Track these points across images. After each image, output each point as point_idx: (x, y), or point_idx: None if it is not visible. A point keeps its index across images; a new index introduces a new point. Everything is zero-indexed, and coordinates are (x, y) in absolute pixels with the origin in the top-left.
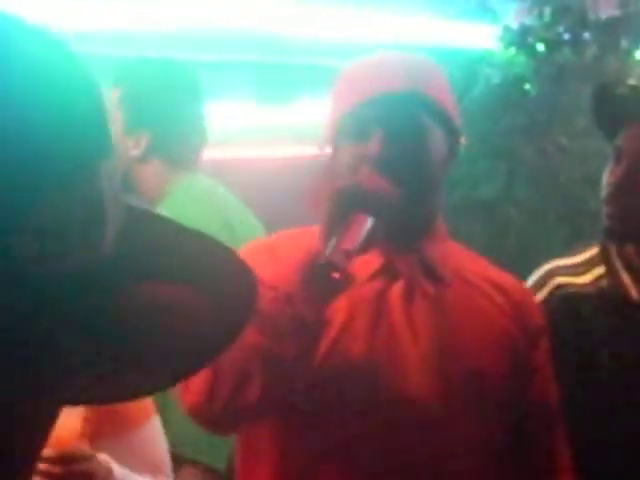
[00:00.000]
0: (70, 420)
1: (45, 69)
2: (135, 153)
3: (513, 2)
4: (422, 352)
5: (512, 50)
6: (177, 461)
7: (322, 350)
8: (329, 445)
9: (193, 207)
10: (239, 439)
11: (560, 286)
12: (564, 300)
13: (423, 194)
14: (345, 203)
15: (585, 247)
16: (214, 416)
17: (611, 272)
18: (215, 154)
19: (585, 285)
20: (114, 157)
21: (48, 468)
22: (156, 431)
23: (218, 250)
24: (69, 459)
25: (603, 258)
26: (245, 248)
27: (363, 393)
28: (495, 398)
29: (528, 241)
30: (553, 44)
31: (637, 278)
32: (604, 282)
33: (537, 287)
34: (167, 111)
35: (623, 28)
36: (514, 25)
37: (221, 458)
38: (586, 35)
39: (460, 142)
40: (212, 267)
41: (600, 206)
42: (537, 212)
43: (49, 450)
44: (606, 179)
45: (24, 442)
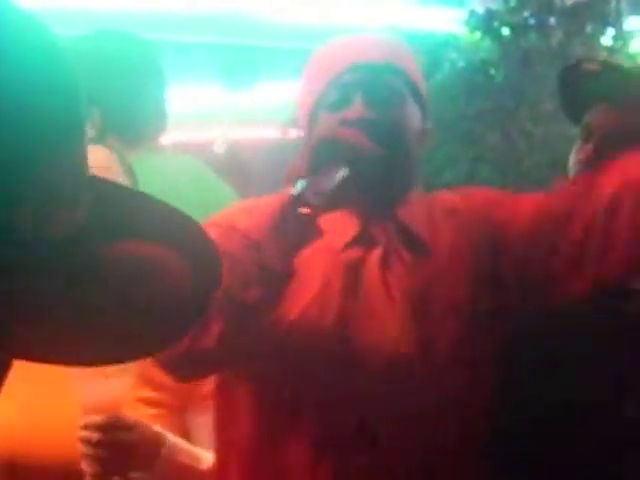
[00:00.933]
0: (113, 388)
1: (18, 38)
2: (91, 134)
3: None
4: (398, 318)
5: (477, 34)
6: None
7: (295, 313)
8: (303, 404)
9: (145, 186)
10: (214, 401)
11: None
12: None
13: (400, 159)
14: (322, 151)
15: None
16: (175, 359)
17: None
18: (179, 136)
19: None
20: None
21: (88, 435)
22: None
23: (185, 218)
24: (109, 427)
25: None
26: (226, 209)
27: (336, 356)
28: (481, 340)
29: None
30: (519, 29)
31: None
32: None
33: None
34: (119, 86)
35: (588, 13)
36: (480, 9)
37: None
38: (552, 20)
39: (429, 125)
40: (183, 232)
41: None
42: None
43: (90, 417)
44: (574, 157)
45: None
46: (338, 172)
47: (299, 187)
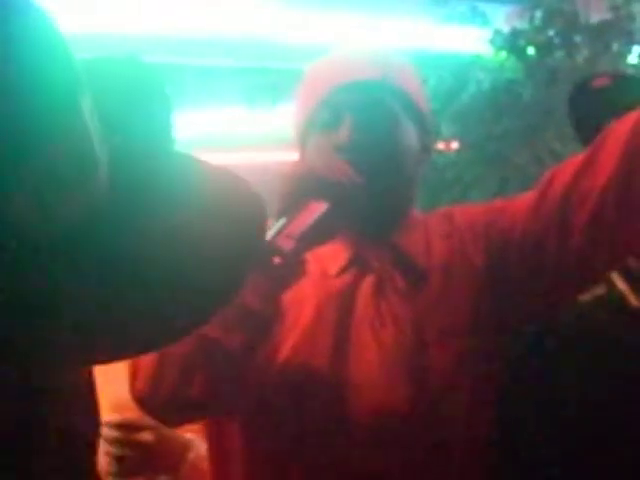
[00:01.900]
0: None
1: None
2: None
3: (504, 6)
4: (392, 350)
5: (503, 54)
6: None
7: (289, 347)
8: (298, 445)
9: None
10: (210, 439)
11: None
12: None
13: (393, 182)
14: (297, 189)
15: None
16: (159, 406)
17: (606, 279)
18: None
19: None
20: (88, 94)
21: (108, 433)
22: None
23: (227, 178)
24: (130, 426)
25: None
26: None
27: (329, 392)
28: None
29: None
30: (544, 48)
31: (634, 284)
32: (601, 290)
33: None
34: (116, 110)
35: (614, 32)
36: (505, 28)
37: None
38: (577, 38)
39: (433, 142)
40: (222, 196)
41: None
42: None
43: (111, 415)
44: None
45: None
46: (315, 209)
47: (271, 233)
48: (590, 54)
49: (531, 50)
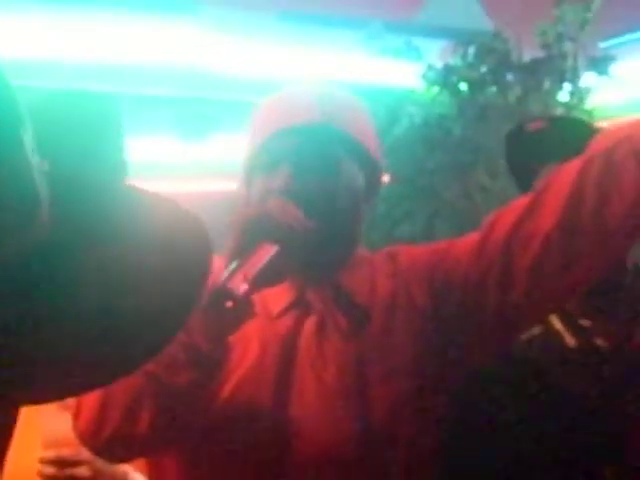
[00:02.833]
0: (67, 423)
1: None
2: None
3: (437, 41)
4: (334, 390)
5: (435, 89)
6: None
7: (232, 387)
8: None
9: None
10: (149, 472)
11: None
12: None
13: (335, 225)
14: (250, 231)
15: None
16: (103, 444)
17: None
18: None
19: None
20: (30, 128)
21: (44, 469)
22: None
23: (172, 212)
24: (65, 462)
25: None
26: None
27: (270, 432)
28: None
29: None
30: (476, 84)
31: (569, 324)
32: (536, 330)
33: None
34: (63, 141)
35: (545, 70)
36: (438, 64)
37: None
38: (509, 76)
39: (381, 178)
40: (166, 229)
41: None
42: None
43: (46, 451)
44: None
45: None
46: (267, 251)
47: (224, 276)
48: (521, 91)
49: (463, 86)
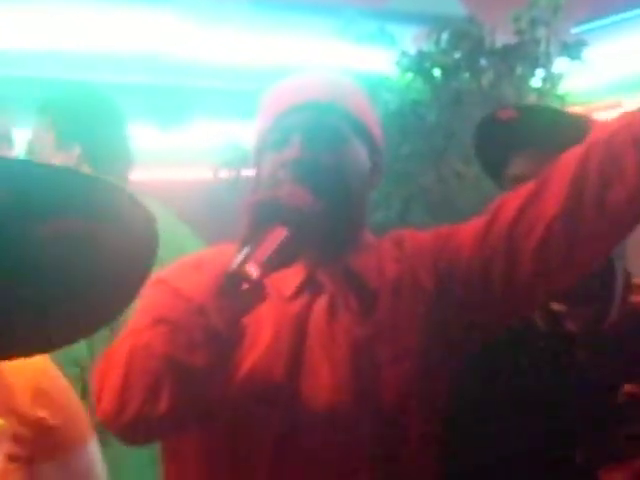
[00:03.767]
0: None
1: None
2: (68, 164)
3: (411, 27)
4: (344, 369)
5: (409, 75)
6: None
7: (246, 368)
8: (253, 460)
9: None
10: (164, 449)
11: None
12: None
13: (343, 202)
14: (261, 215)
15: None
16: (125, 426)
17: None
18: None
19: None
20: None
21: None
22: (95, 455)
23: (117, 192)
24: None
25: None
26: (178, 260)
27: (283, 411)
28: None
29: None
30: (450, 70)
31: (541, 308)
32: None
33: None
34: (93, 127)
35: (519, 55)
36: (412, 50)
37: None
38: (482, 61)
39: (384, 160)
40: (112, 206)
41: None
42: None
43: None
44: None
45: None
46: (279, 237)
47: (238, 260)
48: (495, 77)
49: (437, 72)
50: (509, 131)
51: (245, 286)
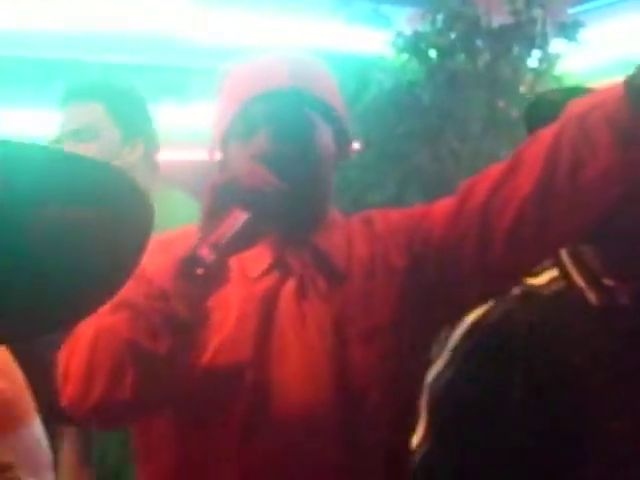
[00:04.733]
0: None
1: None
2: (131, 159)
3: (406, 8)
4: (313, 350)
5: (405, 56)
6: None
7: (213, 350)
8: (221, 444)
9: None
10: (136, 438)
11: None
12: (525, 299)
13: (311, 189)
14: (220, 197)
15: None
16: (90, 411)
17: (565, 275)
18: None
19: (542, 286)
20: None
21: None
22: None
23: (114, 175)
24: None
25: (555, 260)
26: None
27: (252, 393)
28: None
29: None
30: (445, 50)
31: (592, 280)
32: (559, 285)
33: None
34: (149, 120)
35: (515, 36)
36: (407, 31)
37: None
38: (478, 42)
39: (351, 142)
40: (109, 191)
41: None
42: None
43: None
44: None
45: None
46: (238, 217)
47: (195, 244)
48: (491, 58)
49: (432, 53)
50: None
51: (199, 271)
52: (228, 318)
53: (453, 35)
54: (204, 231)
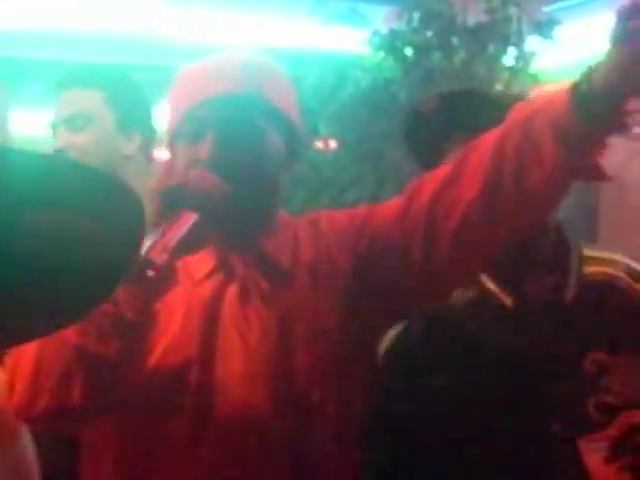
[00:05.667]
0: None
1: None
2: (127, 151)
3: (382, 6)
4: (255, 353)
5: (381, 54)
6: None
7: (159, 353)
8: (164, 446)
9: None
10: (81, 440)
11: None
12: (437, 313)
13: (256, 193)
14: (169, 201)
15: None
16: (38, 415)
17: (476, 282)
18: None
19: (455, 297)
20: None
21: None
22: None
23: (105, 180)
24: None
25: None
26: None
27: (196, 397)
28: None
29: None
30: (422, 49)
31: (503, 284)
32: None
33: None
34: (149, 113)
35: (490, 34)
36: (383, 29)
37: None
38: (454, 40)
39: (301, 142)
40: (98, 195)
41: None
42: None
43: None
44: None
45: None
46: (186, 220)
47: (145, 247)
48: (467, 56)
49: (409, 51)
50: (437, 121)
51: (150, 273)
52: (174, 320)
53: (429, 33)
54: (153, 234)
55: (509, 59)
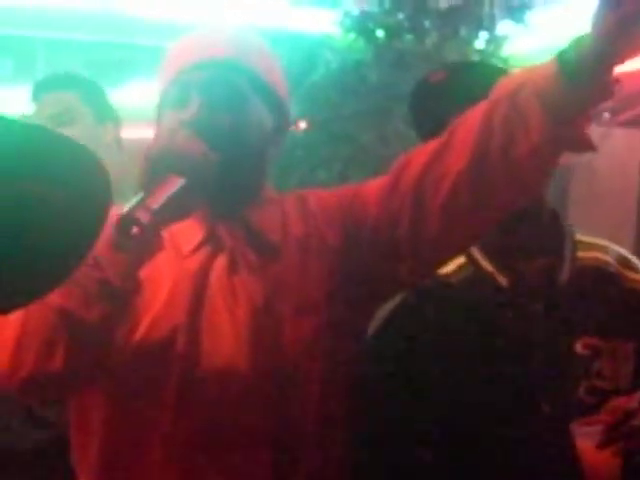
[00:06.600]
0: None
1: None
2: (106, 140)
3: None
4: (242, 325)
5: (352, 36)
6: None
7: (145, 325)
8: (153, 417)
9: None
10: (71, 413)
11: None
12: (432, 291)
13: (241, 160)
14: (155, 164)
15: None
16: (21, 383)
17: (472, 261)
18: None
19: (450, 275)
20: None
21: None
22: None
23: (73, 149)
24: None
25: None
26: None
27: (183, 368)
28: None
29: None
30: (393, 31)
31: (499, 264)
32: (468, 271)
33: None
34: (112, 106)
35: (462, 17)
36: (354, 11)
37: None
38: (426, 23)
39: (289, 121)
40: (67, 165)
41: None
42: None
43: None
44: None
45: None
46: (172, 184)
47: (130, 205)
48: (438, 39)
49: (380, 33)
50: (443, 93)
51: (135, 230)
52: (161, 292)
53: (401, 15)
54: (139, 195)
55: (481, 42)
